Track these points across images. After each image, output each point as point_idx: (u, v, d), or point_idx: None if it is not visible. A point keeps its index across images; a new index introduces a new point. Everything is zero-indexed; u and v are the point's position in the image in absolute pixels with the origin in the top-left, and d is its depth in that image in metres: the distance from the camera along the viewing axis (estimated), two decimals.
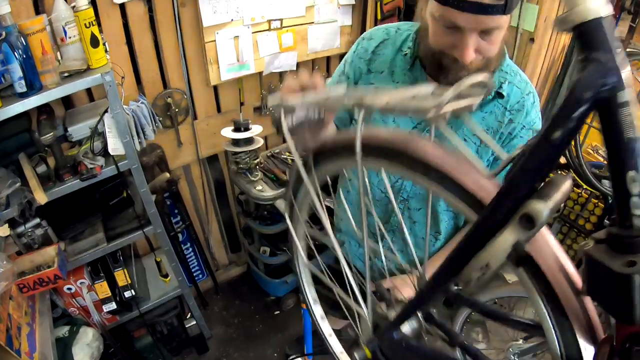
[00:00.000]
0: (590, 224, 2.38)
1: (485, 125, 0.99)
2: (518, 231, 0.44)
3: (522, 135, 0.99)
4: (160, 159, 2.01)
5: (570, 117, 0.40)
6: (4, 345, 1.16)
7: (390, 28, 1.08)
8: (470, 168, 0.50)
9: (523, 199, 0.43)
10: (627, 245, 0.40)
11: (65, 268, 1.49)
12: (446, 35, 0.84)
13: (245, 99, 2.16)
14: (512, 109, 0.98)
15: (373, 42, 1.08)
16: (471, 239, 0.49)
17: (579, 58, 0.41)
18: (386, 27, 1.09)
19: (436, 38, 0.88)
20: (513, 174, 0.44)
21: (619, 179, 0.39)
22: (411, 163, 0.54)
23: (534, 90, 1.00)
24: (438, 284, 0.58)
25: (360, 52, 1.11)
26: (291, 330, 2.41)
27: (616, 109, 0.38)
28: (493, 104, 0.98)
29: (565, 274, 0.46)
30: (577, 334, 0.46)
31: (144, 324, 1.98)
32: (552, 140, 0.41)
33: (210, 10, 1.78)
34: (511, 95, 0.98)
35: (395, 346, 0.70)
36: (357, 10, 2.22)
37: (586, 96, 0.39)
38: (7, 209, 1.35)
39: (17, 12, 1.33)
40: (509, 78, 0.98)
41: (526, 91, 0.98)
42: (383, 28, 1.09)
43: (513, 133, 0.99)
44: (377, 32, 1.09)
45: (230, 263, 2.74)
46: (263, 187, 2.03)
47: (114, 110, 1.46)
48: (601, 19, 0.39)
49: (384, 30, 1.08)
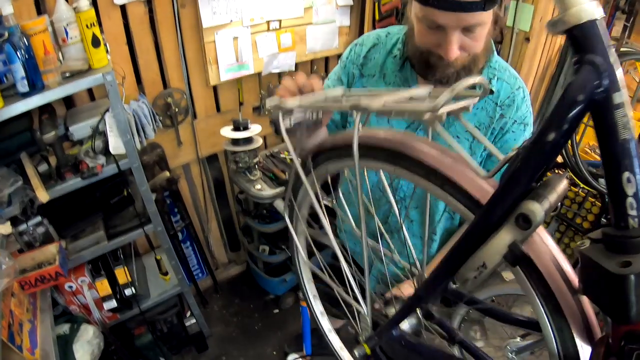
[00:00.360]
0: (587, 223, 2.39)
1: (476, 122, 1.01)
2: (514, 231, 0.44)
3: (514, 130, 1.01)
4: (160, 158, 2.03)
5: (564, 119, 0.40)
6: (6, 341, 1.18)
7: (381, 33, 1.11)
8: (466, 168, 0.51)
9: (519, 199, 0.44)
10: (623, 246, 0.40)
11: (66, 265, 1.51)
12: (430, 34, 0.86)
13: (245, 98, 2.18)
14: (503, 104, 1.00)
15: (364, 47, 1.12)
16: (468, 238, 0.50)
17: (572, 60, 0.41)
18: (377, 33, 1.12)
19: (421, 38, 0.90)
20: (509, 174, 0.45)
21: (614, 180, 0.39)
22: (408, 163, 0.55)
23: (523, 84, 1.02)
24: (436, 283, 0.59)
25: (353, 58, 1.14)
26: (290, 328, 2.42)
27: (611, 110, 0.39)
28: (484, 100, 1.00)
29: (562, 273, 0.46)
30: (574, 332, 0.46)
31: (144, 322, 1.99)
32: (547, 142, 0.41)
33: (209, 11, 1.79)
34: (501, 90, 1.00)
35: (395, 343, 0.71)
36: (355, 11, 2.24)
37: (580, 98, 0.39)
38: (9, 207, 1.36)
39: (19, 12, 1.35)
40: (498, 74, 1.00)
41: (516, 86, 1.00)
42: (374, 34, 1.13)
43: (505, 128, 1.01)
44: (368, 38, 1.12)
45: (230, 262, 2.76)
46: (262, 186, 2.04)
47: (115, 110, 1.48)
48: (595, 21, 0.39)
49: (374, 35, 1.12)
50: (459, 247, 0.52)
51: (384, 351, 0.75)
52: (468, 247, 0.50)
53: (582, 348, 0.46)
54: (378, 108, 0.52)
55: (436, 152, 0.53)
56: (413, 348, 0.70)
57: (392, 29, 1.11)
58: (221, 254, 2.68)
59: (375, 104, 0.52)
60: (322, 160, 0.71)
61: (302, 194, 0.79)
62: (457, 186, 0.50)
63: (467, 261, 0.50)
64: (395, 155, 0.56)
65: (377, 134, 0.60)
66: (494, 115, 1.00)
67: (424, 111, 0.48)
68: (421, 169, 0.54)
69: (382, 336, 0.73)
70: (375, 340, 0.74)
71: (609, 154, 0.40)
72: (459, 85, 0.46)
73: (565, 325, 0.46)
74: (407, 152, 0.55)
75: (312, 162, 0.72)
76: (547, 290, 0.46)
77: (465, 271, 0.51)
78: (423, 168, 0.53)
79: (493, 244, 0.46)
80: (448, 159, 0.52)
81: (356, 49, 1.14)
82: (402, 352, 0.71)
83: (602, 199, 2.31)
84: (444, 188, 0.52)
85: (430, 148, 0.54)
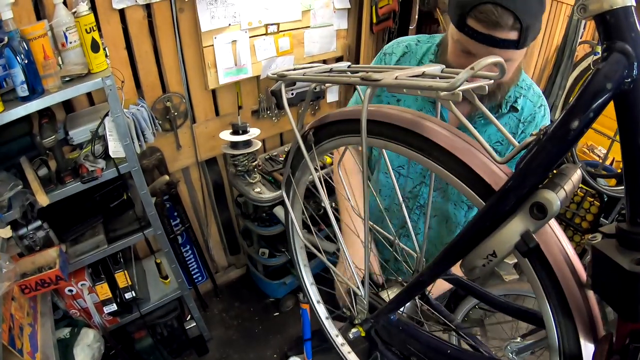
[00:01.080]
0: (586, 222, 2.40)
1: (500, 137, 1.03)
2: (527, 220, 0.43)
3: None
4: (159, 161, 2.03)
5: (590, 107, 0.38)
6: (7, 345, 1.18)
7: (410, 41, 1.09)
8: (479, 152, 0.49)
9: (535, 187, 0.42)
10: (637, 242, 0.39)
11: (66, 269, 1.51)
12: (461, 57, 0.87)
13: (243, 102, 2.19)
14: (525, 120, 1.02)
15: (394, 56, 1.10)
16: (478, 225, 0.48)
17: (602, 46, 0.39)
18: (406, 41, 1.10)
19: (453, 57, 0.91)
20: (526, 161, 0.43)
21: (634, 174, 0.38)
22: (418, 143, 0.53)
23: (545, 103, 1.05)
24: (439, 268, 0.57)
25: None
26: (291, 331, 2.42)
27: (638, 102, 0.37)
28: (508, 117, 1.03)
29: (572, 266, 0.45)
30: (578, 328, 0.45)
31: (144, 326, 1.99)
32: (570, 129, 0.39)
33: (208, 15, 1.81)
34: (525, 108, 1.02)
35: (391, 328, 0.71)
36: (353, 14, 2.26)
37: (609, 86, 0.37)
38: (9, 211, 1.36)
39: (19, 17, 1.36)
40: (524, 92, 1.02)
41: (538, 104, 1.03)
42: (403, 42, 1.11)
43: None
44: (398, 47, 1.10)
45: (230, 265, 2.76)
46: (261, 190, 2.05)
47: (114, 114, 1.49)
48: (629, 7, 0.37)
49: (404, 44, 1.10)
50: (468, 233, 0.50)
51: (379, 334, 0.74)
52: (477, 234, 0.48)
53: (585, 345, 0.45)
54: (390, 82, 0.47)
55: (448, 133, 0.51)
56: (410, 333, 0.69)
57: (421, 37, 1.10)
58: (221, 257, 2.68)
59: (387, 77, 0.48)
60: (325, 136, 0.68)
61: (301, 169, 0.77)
62: (468, 169, 0.48)
63: (476, 248, 0.48)
64: (405, 134, 0.54)
65: (386, 110, 0.58)
66: (517, 131, 1.03)
67: (440, 87, 0.43)
68: (431, 150, 0.51)
69: (379, 320, 0.72)
70: (371, 323, 0.74)
71: (630, 146, 0.38)
72: (479, 65, 0.43)
73: (569, 321, 0.45)
74: (418, 131, 0.52)
75: (313, 137, 0.69)
76: (554, 283, 0.45)
77: (473, 258, 0.49)
78: (433, 148, 0.51)
79: (504, 233, 0.45)
80: (460, 141, 0.50)
81: (385, 59, 1.11)
82: (398, 337, 0.70)
83: (601, 198, 2.32)
84: (453, 171, 0.50)
85: (443, 128, 0.51)
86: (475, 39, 0.79)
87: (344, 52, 2.35)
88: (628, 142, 0.38)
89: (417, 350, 0.68)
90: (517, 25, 0.75)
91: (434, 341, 0.68)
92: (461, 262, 0.51)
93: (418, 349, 0.68)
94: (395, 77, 0.47)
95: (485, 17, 0.75)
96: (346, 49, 2.35)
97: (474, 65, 0.43)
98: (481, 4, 0.75)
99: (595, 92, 0.38)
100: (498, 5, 0.74)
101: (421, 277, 0.61)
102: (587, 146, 2.71)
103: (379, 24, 2.29)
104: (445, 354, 0.65)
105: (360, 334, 0.76)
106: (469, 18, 0.78)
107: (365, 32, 2.30)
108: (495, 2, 0.74)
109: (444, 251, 0.54)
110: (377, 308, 0.73)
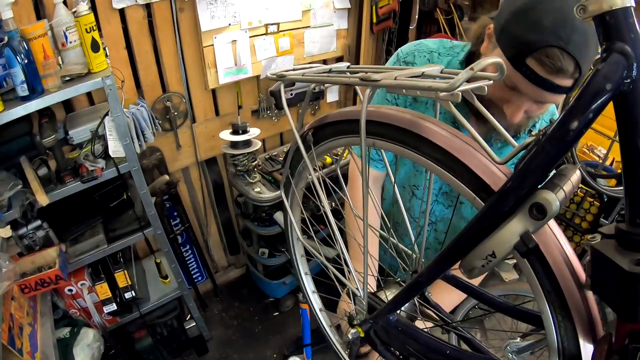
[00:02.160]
0: (586, 223, 2.39)
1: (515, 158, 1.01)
2: (527, 221, 0.43)
3: None
4: (159, 161, 2.03)
5: (589, 107, 0.38)
6: (6, 344, 1.18)
7: (433, 52, 1.01)
8: (478, 152, 0.48)
9: (534, 188, 0.42)
10: (637, 243, 0.39)
11: (66, 269, 1.51)
12: (503, 90, 0.80)
13: (243, 102, 2.19)
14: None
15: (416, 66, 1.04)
16: (477, 225, 0.48)
17: (602, 47, 0.39)
18: (428, 50, 1.02)
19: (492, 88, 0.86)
20: (525, 161, 0.43)
21: (634, 175, 0.38)
22: (416, 143, 0.53)
23: (555, 110, 1.03)
24: (438, 269, 0.57)
25: None
26: (290, 331, 2.42)
27: (637, 103, 0.37)
28: (524, 138, 0.99)
29: (571, 267, 0.45)
30: (577, 329, 0.45)
31: (144, 325, 1.99)
32: (570, 130, 0.39)
33: (208, 15, 1.81)
34: (537, 125, 1.00)
35: (390, 328, 0.71)
36: (353, 14, 2.26)
37: (608, 87, 0.37)
38: (9, 210, 1.37)
39: (19, 17, 1.36)
40: (542, 115, 0.97)
41: (549, 121, 1.00)
42: (424, 53, 1.01)
43: None
44: (420, 57, 1.01)
45: (229, 265, 2.76)
46: (261, 189, 2.05)
47: (114, 114, 1.49)
48: (628, 8, 0.37)
49: (426, 56, 1.01)
50: (467, 234, 0.49)
51: (378, 335, 0.74)
52: (476, 235, 0.48)
53: (584, 345, 0.45)
54: (389, 83, 0.47)
55: (447, 133, 0.51)
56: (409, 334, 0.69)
57: (440, 46, 1.01)
58: (221, 257, 2.68)
59: (386, 77, 0.48)
60: (324, 136, 0.68)
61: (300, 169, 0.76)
62: (467, 170, 0.48)
63: (475, 249, 0.48)
64: (404, 134, 0.54)
65: (385, 110, 0.58)
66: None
67: (440, 89, 0.43)
68: (430, 150, 0.51)
69: (378, 320, 0.72)
70: (370, 324, 0.73)
71: (630, 147, 0.38)
72: (478, 65, 0.42)
73: (568, 321, 0.45)
74: (416, 131, 0.52)
75: (312, 138, 0.69)
76: (554, 283, 0.45)
77: (472, 259, 0.49)
78: (432, 149, 0.51)
79: (504, 233, 0.45)
80: (459, 141, 0.49)
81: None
82: (397, 337, 0.70)
83: (601, 199, 2.31)
84: (452, 171, 0.50)
85: (442, 129, 0.51)
86: (532, 81, 0.72)
87: (344, 52, 2.35)
88: (627, 142, 0.38)
89: (416, 351, 0.68)
90: (577, 73, 0.70)
91: (433, 342, 0.67)
92: (460, 262, 0.51)
93: (417, 350, 0.68)
94: (395, 78, 0.47)
95: (550, 62, 0.69)
96: (346, 49, 2.35)
97: (474, 65, 0.42)
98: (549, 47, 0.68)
99: (594, 93, 0.38)
100: (565, 52, 0.67)
101: (420, 277, 0.61)
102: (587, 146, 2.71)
103: (379, 23, 2.30)
104: (444, 354, 0.65)
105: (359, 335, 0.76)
106: (530, 58, 0.70)
107: (365, 32, 2.30)
108: (562, 48, 0.67)
109: (443, 252, 0.54)
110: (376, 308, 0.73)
